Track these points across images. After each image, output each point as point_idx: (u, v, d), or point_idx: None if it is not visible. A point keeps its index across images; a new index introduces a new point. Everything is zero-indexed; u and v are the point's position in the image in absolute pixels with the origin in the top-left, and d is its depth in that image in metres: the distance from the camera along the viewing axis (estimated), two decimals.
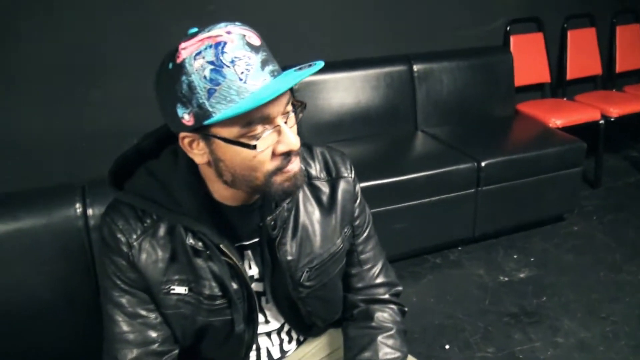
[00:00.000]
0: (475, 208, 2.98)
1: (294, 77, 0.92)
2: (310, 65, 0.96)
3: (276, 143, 0.98)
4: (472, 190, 2.94)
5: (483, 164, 2.91)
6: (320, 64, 0.96)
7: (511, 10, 3.81)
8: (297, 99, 1.04)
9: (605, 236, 3.23)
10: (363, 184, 2.59)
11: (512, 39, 3.78)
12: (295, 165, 1.02)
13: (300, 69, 0.96)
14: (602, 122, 3.65)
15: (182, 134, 0.98)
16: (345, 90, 3.23)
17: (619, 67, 4.23)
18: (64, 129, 2.89)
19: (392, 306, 1.35)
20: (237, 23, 0.96)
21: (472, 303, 2.68)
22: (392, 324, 1.31)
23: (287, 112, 0.99)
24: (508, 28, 3.79)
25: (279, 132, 0.97)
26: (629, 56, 4.27)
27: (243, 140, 0.95)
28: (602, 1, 4.15)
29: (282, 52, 0.97)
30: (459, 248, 3.10)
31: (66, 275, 1.50)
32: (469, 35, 3.71)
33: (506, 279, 2.85)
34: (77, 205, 1.50)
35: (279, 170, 1.00)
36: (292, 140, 0.98)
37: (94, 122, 2.93)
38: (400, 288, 1.40)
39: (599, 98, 3.90)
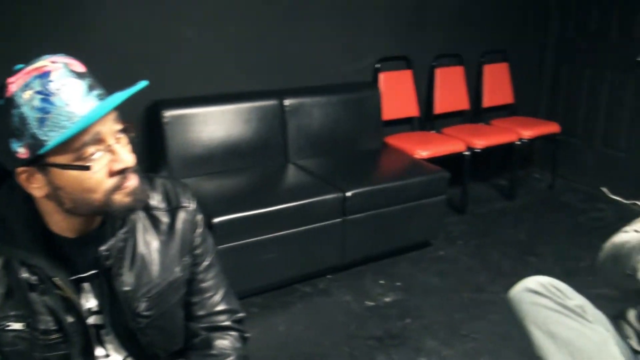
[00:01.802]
0: (342, 237, 3.06)
1: (117, 97, 0.97)
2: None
3: (111, 162, 1.02)
4: (339, 220, 3.02)
5: (348, 194, 3.01)
6: (143, 84, 1.01)
7: (381, 49, 4.01)
8: (132, 123, 1.08)
9: (470, 259, 3.40)
10: (232, 216, 2.67)
11: (381, 75, 3.96)
12: (133, 181, 1.06)
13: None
14: (467, 153, 3.87)
15: (19, 170, 1.00)
16: (216, 124, 3.26)
17: (485, 103, 4.52)
18: None
19: (233, 333, 1.37)
20: (60, 54, 1.00)
21: (339, 329, 2.73)
22: (232, 351, 1.34)
23: (118, 132, 1.04)
24: (378, 65, 3.98)
25: (112, 152, 1.02)
26: (496, 92, 4.57)
27: (78, 163, 0.98)
28: (470, 41, 4.43)
29: (151, 86, 1.01)
30: (329, 276, 3.16)
31: None
32: (340, 72, 3.86)
33: (372, 303, 2.93)
34: None
35: (117, 188, 1.04)
36: (125, 157, 1.03)
37: None
38: (242, 315, 1.42)
39: (465, 131, 4.13)
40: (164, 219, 1.27)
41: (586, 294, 1.56)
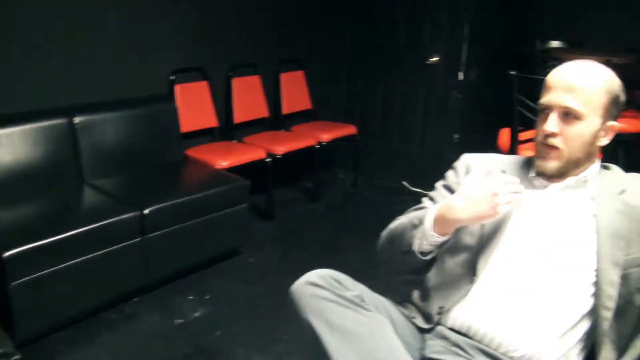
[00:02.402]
0: (144, 256, 2.96)
1: None
2: None
3: None
4: (139, 239, 2.92)
5: (146, 211, 2.93)
6: None
7: (176, 61, 3.96)
8: None
9: (278, 263, 3.47)
10: (23, 248, 2.49)
11: (177, 87, 3.91)
12: None
13: None
14: (268, 159, 3.94)
15: None
16: (2, 148, 2.97)
17: (285, 110, 4.65)
18: None
19: None
20: None
21: (148, 353, 2.64)
22: None
23: None
24: (172, 77, 3.92)
25: None
26: (294, 99, 4.72)
27: None
28: (266, 51, 4.53)
29: None
30: (135, 299, 3.03)
31: None
32: (134, 86, 3.74)
33: (181, 321, 2.87)
34: None
35: None
36: None
37: None
38: (17, 357, 1.31)
39: (266, 138, 4.22)
40: None
41: (389, 282, 1.66)
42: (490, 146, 3.64)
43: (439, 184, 1.83)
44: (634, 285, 1.49)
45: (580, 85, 1.53)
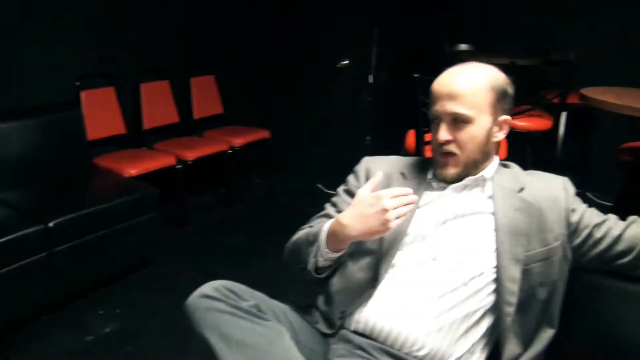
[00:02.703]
0: (51, 272, 2.85)
1: None
2: None
3: None
4: (45, 254, 2.81)
5: (51, 224, 2.82)
6: None
7: (81, 66, 3.84)
8: None
9: (192, 272, 3.40)
10: None
11: (83, 94, 3.79)
12: None
13: None
14: (179, 166, 3.89)
15: None
16: None
17: (196, 115, 4.60)
18: None
19: None
20: None
21: None
22: None
23: None
24: (78, 83, 3.80)
25: None
26: (205, 104, 4.69)
27: None
28: (176, 55, 4.46)
29: None
30: (44, 317, 2.90)
31: None
32: (37, 92, 3.60)
33: (92, 337, 2.78)
34: None
35: None
36: None
37: None
38: None
39: (176, 144, 4.16)
40: None
41: (300, 288, 1.66)
42: (401, 147, 3.73)
43: (340, 189, 1.86)
44: (536, 279, 1.55)
45: (462, 89, 1.59)
